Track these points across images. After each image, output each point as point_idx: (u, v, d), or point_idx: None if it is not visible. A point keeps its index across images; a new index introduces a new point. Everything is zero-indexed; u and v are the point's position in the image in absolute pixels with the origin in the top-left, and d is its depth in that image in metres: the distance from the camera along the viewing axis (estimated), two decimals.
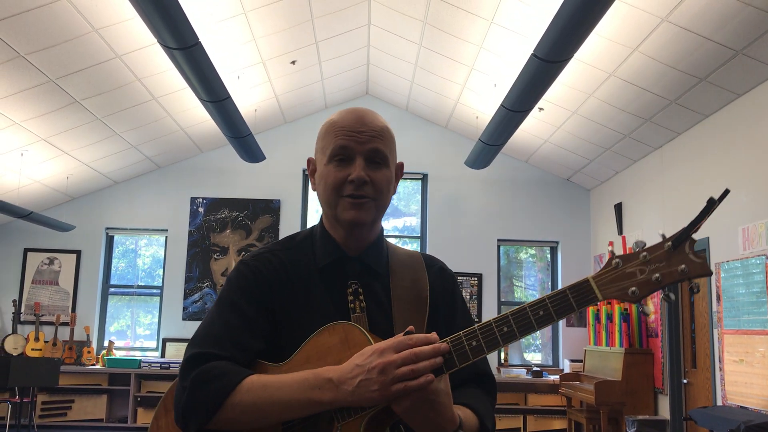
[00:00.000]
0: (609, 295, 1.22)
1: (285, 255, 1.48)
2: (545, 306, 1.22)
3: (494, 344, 1.23)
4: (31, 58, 5.75)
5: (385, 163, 1.44)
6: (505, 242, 9.36)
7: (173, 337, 8.91)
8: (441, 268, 1.56)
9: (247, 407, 1.28)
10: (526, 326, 1.22)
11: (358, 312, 1.41)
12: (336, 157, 1.42)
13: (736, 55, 5.28)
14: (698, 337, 6.64)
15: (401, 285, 1.47)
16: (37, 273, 9.07)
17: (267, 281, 1.43)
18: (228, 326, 1.38)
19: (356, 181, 1.39)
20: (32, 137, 7.06)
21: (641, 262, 1.22)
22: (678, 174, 6.85)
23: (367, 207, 1.41)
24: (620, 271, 1.23)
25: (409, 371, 1.19)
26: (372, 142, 1.42)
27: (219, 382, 1.29)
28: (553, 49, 4.72)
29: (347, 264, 1.47)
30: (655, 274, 1.21)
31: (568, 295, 1.22)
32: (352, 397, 1.22)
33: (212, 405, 1.29)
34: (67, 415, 8.36)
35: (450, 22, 6.49)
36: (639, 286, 1.21)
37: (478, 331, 1.23)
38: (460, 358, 1.23)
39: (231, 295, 1.42)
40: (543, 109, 7.35)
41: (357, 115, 1.45)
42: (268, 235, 9.15)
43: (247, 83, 7.61)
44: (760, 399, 5.28)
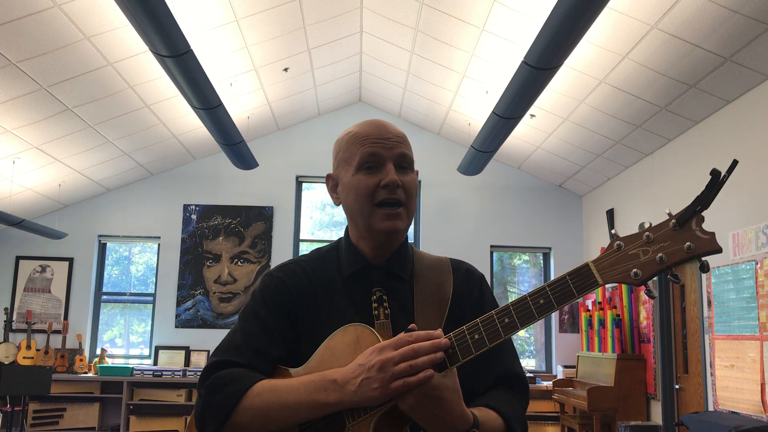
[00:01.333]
0: (610, 279, 1.19)
1: (310, 265, 1.51)
2: (545, 294, 1.20)
3: (496, 336, 1.21)
4: (22, 65, 5.75)
5: (412, 168, 1.48)
6: (497, 248, 9.38)
7: (166, 344, 8.89)
8: (468, 270, 1.56)
9: (257, 411, 1.30)
10: (527, 315, 1.20)
11: (382, 318, 1.42)
12: (365, 165, 1.44)
13: (724, 62, 5.32)
14: (690, 343, 6.66)
15: (426, 289, 1.47)
16: (29, 281, 9.03)
17: (290, 291, 1.46)
18: (248, 334, 1.42)
19: (390, 184, 1.41)
20: (24, 145, 7.05)
21: (644, 242, 1.18)
22: (669, 180, 6.88)
23: (401, 216, 1.43)
24: (622, 254, 1.19)
25: (407, 367, 1.18)
26: (399, 147, 1.45)
27: (231, 387, 1.33)
28: (543, 57, 4.75)
29: (372, 272, 1.48)
30: (659, 254, 1.16)
31: (568, 281, 1.20)
32: (356, 396, 1.22)
33: (225, 410, 1.32)
34: (59, 423, 8.32)
35: (441, 30, 6.52)
36: (642, 268, 1.17)
37: (480, 324, 1.22)
38: (463, 352, 1.22)
39: (254, 305, 1.47)
40: (534, 115, 7.38)
41: (378, 124, 1.48)
42: (261, 242, 9.15)
43: (240, 90, 7.62)
44: (750, 404, 5.30)
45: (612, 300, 8.01)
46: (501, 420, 1.34)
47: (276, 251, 9.15)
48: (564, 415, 7.97)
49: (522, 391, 1.47)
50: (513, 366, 1.48)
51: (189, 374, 8.41)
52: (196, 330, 8.92)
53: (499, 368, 1.45)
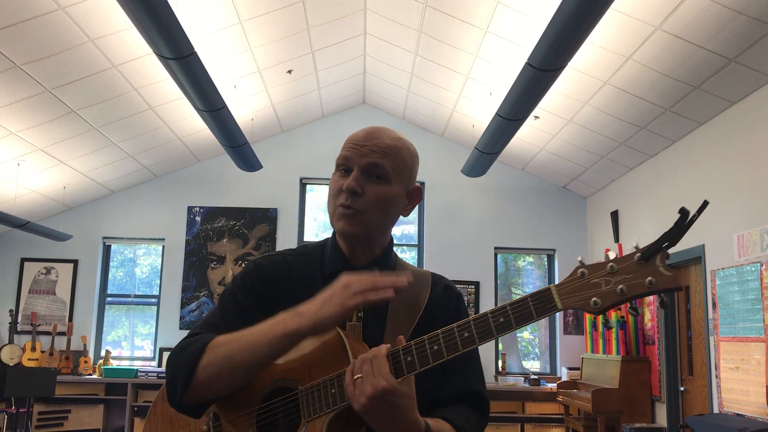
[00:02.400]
0: (570, 305, 1.19)
1: (295, 260, 1.54)
2: (506, 313, 1.21)
3: (454, 348, 1.22)
4: (27, 68, 5.77)
5: (385, 179, 1.45)
6: (501, 250, 9.37)
7: (170, 346, 8.89)
8: (447, 286, 1.58)
9: (221, 360, 1.31)
10: (486, 332, 1.21)
11: (354, 320, 1.43)
12: (340, 167, 1.48)
13: (729, 63, 5.31)
14: (694, 345, 6.64)
15: (402, 299, 1.48)
16: (34, 282, 9.06)
17: (271, 280, 1.48)
18: (224, 314, 1.46)
19: (347, 190, 1.42)
20: (29, 147, 7.07)
21: (608, 272, 1.19)
22: (673, 181, 6.87)
23: (355, 219, 1.43)
24: (584, 281, 1.20)
25: (370, 283, 1.24)
26: (371, 156, 1.44)
27: (192, 346, 1.35)
28: (547, 58, 4.74)
29: None
30: (620, 286, 1.17)
31: (528, 303, 1.20)
32: (315, 317, 1.25)
33: (189, 367, 1.33)
34: (64, 425, 8.34)
35: (445, 31, 6.52)
36: (602, 297, 1.18)
37: (441, 336, 1.23)
38: (421, 360, 1.23)
39: (234, 288, 1.50)
40: (538, 117, 7.37)
41: (368, 130, 1.49)
42: (265, 243, 9.15)
43: (244, 92, 7.63)
44: (755, 406, 5.28)
45: None
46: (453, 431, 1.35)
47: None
48: (568, 417, 7.96)
49: (482, 412, 1.48)
50: (477, 385, 1.49)
51: None
52: None
53: (464, 384, 1.46)
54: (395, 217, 1.52)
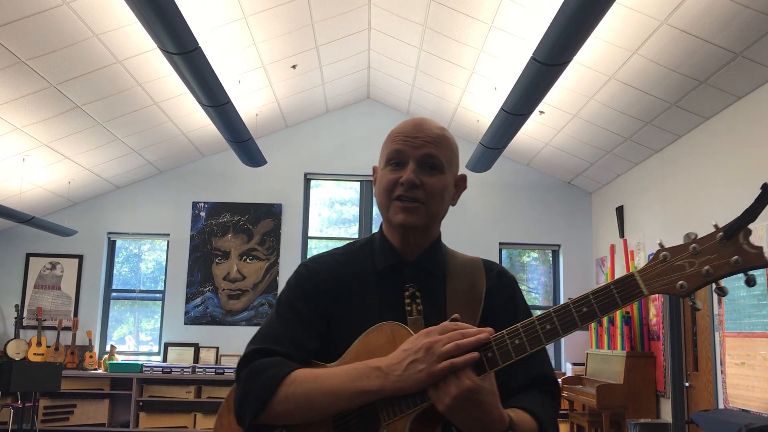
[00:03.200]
0: (655, 290, 1.18)
1: (344, 258, 1.52)
2: (589, 302, 1.19)
3: (537, 342, 1.21)
4: (31, 63, 5.77)
5: (440, 170, 1.45)
6: (506, 245, 9.35)
7: (175, 341, 8.92)
8: (500, 272, 1.55)
9: (299, 398, 1.30)
10: (569, 323, 1.20)
11: (414, 315, 1.42)
12: (391, 161, 1.46)
13: (735, 58, 5.28)
14: (700, 340, 6.62)
15: (458, 288, 1.47)
16: (40, 278, 9.08)
17: (324, 283, 1.47)
18: (285, 325, 1.44)
19: (406, 183, 1.41)
20: (34, 142, 7.08)
21: (691, 254, 1.17)
22: (679, 176, 6.84)
23: (417, 211, 1.42)
24: (668, 264, 1.18)
25: (454, 346, 1.19)
26: (425, 147, 1.43)
27: (269, 374, 1.34)
28: (552, 53, 4.72)
29: (405, 268, 1.48)
30: (705, 267, 1.15)
31: (612, 290, 1.19)
32: (400, 381, 1.22)
33: (263, 396, 1.32)
34: (69, 419, 8.37)
35: (450, 26, 6.50)
36: (688, 280, 1.16)
37: (521, 329, 1.22)
38: (503, 356, 1.21)
39: (289, 296, 1.48)
40: (543, 112, 7.35)
41: (415, 122, 1.48)
42: (270, 239, 9.16)
43: (248, 88, 7.62)
44: (761, 402, 5.27)
45: None
46: (535, 423, 1.34)
47: (284, 248, 9.16)
48: (573, 412, 7.95)
49: (555, 395, 1.47)
50: (547, 369, 1.47)
51: (198, 371, 8.44)
52: (206, 327, 8.95)
53: (534, 370, 1.44)
54: (447, 208, 1.51)
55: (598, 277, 8.96)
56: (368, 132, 9.32)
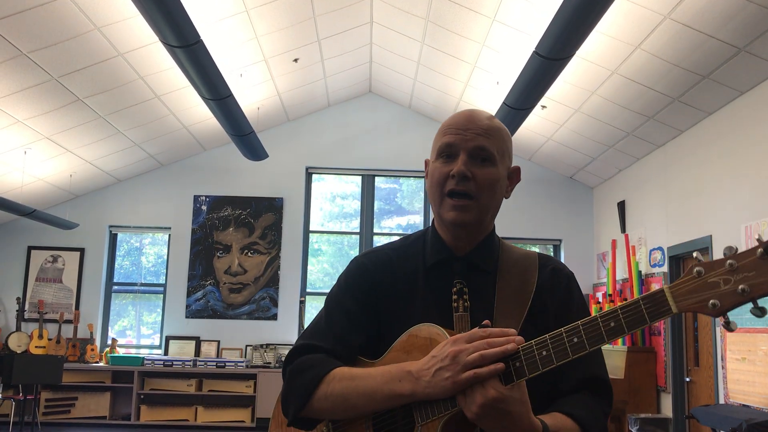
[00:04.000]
0: (685, 308, 1.11)
1: (396, 253, 1.52)
2: (617, 317, 1.16)
3: (564, 355, 1.18)
4: (33, 56, 5.77)
5: (491, 162, 1.42)
6: (507, 240, 9.33)
7: (176, 334, 8.93)
8: (555, 268, 1.51)
9: (336, 397, 1.34)
10: (596, 338, 1.17)
11: (461, 311, 1.40)
12: (442, 154, 1.44)
13: (738, 53, 5.27)
14: (701, 336, 6.62)
15: (509, 284, 1.45)
16: (41, 271, 9.09)
17: (373, 278, 1.48)
18: (332, 322, 1.47)
19: (457, 175, 1.39)
20: (35, 135, 7.07)
21: (727, 270, 1.08)
22: (681, 171, 6.83)
23: (468, 209, 1.41)
24: (701, 281, 1.10)
25: (478, 357, 1.18)
26: (477, 139, 1.42)
27: (312, 371, 1.38)
28: (555, 47, 4.71)
29: (455, 263, 1.47)
30: (741, 285, 1.06)
31: (641, 306, 1.14)
32: (429, 387, 1.23)
33: (305, 393, 1.36)
34: (71, 412, 8.39)
35: (452, 20, 6.49)
36: (721, 298, 1.08)
37: (549, 341, 1.20)
38: (530, 366, 1.20)
39: (339, 291, 1.51)
40: (546, 106, 7.34)
41: (466, 114, 1.47)
42: (271, 233, 9.16)
43: (250, 81, 7.61)
44: (762, 397, 5.27)
45: (623, 292, 7.97)
46: (578, 428, 1.31)
47: (286, 242, 9.16)
48: None
49: (605, 397, 1.43)
50: (598, 370, 1.44)
51: (199, 364, 8.46)
52: (207, 320, 8.96)
53: (585, 371, 1.41)
54: (500, 201, 1.48)
55: (599, 272, 8.96)
56: (370, 126, 9.31)
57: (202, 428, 8.31)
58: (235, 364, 8.49)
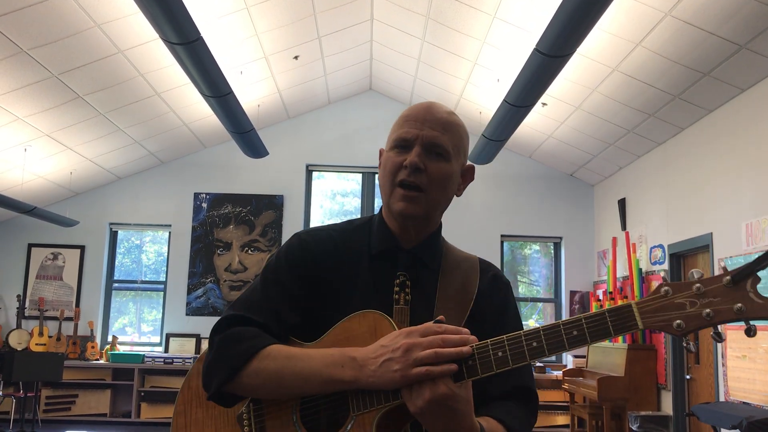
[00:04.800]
0: (650, 325, 1.14)
1: (340, 236, 1.48)
2: (580, 326, 1.16)
3: (520, 358, 1.18)
4: (33, 53, 5.76)
5: (445, 157, 1.40)
6: (508, 238, 9.35)
7: (177, 332, 8.94)
8: (495, 275, 1.51)
9: (269, 374, 1.27)
10: (557, 344, 1.17)
11: (401, 304, 1.38)
12: (397, 144, 1.42)
13: (739, 50, 5.26)
14: (701, 333, 6.61)
15: (450, 284, 1.43)
16: (41, 268, 9.10)
17: (314, 257, 1.43)
18: (267, 296, 1.40)
19: (409, 166, 1.37)
20: (35, 132, 7.07)
21: (693, 293, 1.12)
22: (681, 169, 6.83)
23: (417, 200, 1.39)
24: (668, 301, 1.14)
25: (432, 354, 1.16)
26: (432, 133, 1.39)
27: (245, 344, 1.30)
28: (555, 44, 4.70)
29: (399, 255, 1.44)
30: (706, 309, 1.11)
31: (606, 318, 1.15)
32: (374, 377, 1.20)
33: (235, 366, 1.29)
34: (71, 409, 8.40)
35: (453, 17, 6.48)
36: (686, 320, 1.12)
37: (506, 342, 1.18)
38: (483, 366, 1.18)
39: (277, 266, 1.44)
40: (546, 104, 7.33)
41: (424, 106, 1.44)
42: (272, 230, 9.16)
43: (250, 78, 7.60)
44: (762, 395, 5.27)
45: (623, 290, 7.97)
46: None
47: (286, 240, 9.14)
48: (574, 404, 7.96)
49: (532, 409, 1.43)
50: (528, 381, 1.43)
51: None
52: (207, 318, 8.96)
53: (515, 380, 1.40)
54: (451, 197, 1.46)
55: (599, 270, 8.96)
56: (370, 124, 9.31)
57: None
58: None
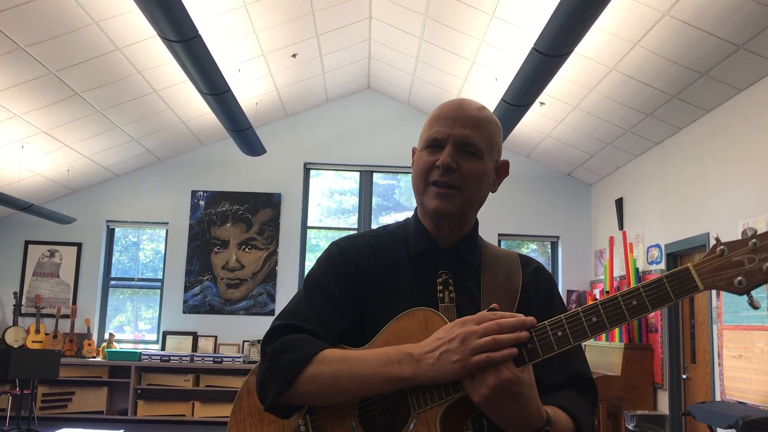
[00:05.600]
0: (712, 285, 1.12)
1: (377, 241, 1.47)
2: (639, 295, 1.13)
3: (582, 335, 1.15)
4: (31, 50, 5.75)
5: (478, 155, 1.39)
6: (505, 237, 9.35)
7: (174, 330, 8.93)
8: (537, 268, 1.50)
9: (326, 379, 1.25)
10: (617, 316, 1.14)
11: (446, 302, 1.37)
12: (429, 144, 1.41)
13: (737, 50, 5.26)
14: (698, 333, 6.63)
15: (493, 279, 1.42)
16: (38, 265, 9.08)
17: (355, 264, 1.42)
18: (313, 304, 1.38)
19: (442, 166, 1.36)
20: (33, 129, 7.06)
21: (750, 249, 1.10)
22: (679, 169, 6.83)
23: (451, 198, 1.38)
24: (725, 259, 1.12)
25: (490, 341, 1.14)
26: (464, 131, 1.39)
27: (298, 351, 1.28)
28: (553, 43, 4.71)
29: (439, 254, 1.44)
30: (766, 264, 1.09)
31: (665, 283, 1.13)
32: (432, 370, 1.18)
33: (290, 374, 1.27)
34: (68, 407, 8.39)
35: (451, 16, 6.48)
36: (747, 276, 1.10)
37: (565, 321, 1.17)
38: (544, 348, 1.16)
39: (319, 275, 1.43)
40: (544, 103, 7.33)
41: (455, 103, 1.43)
42: (269, 228, 9.15)
43: (248, 76, 7.60)
44: (758, 394, 5.28)
45: (620, 289, 7.98)
46: (571, 423, 1.28)
47: (284, 238, 9.15)
48: None
49: (592, 397, 1.40)
50: (585, 369, 1.41)
51: (196, 359, 8.46)
52: (204, 316, 8.96)
53: (572, 369, 1.38)
54: (486, 194, 1.45)
55: (596, 269, 8.97)
56: (368, 122, 9.30)
57: (199, 423, 8.31)
58: (232, 359, 8.49)
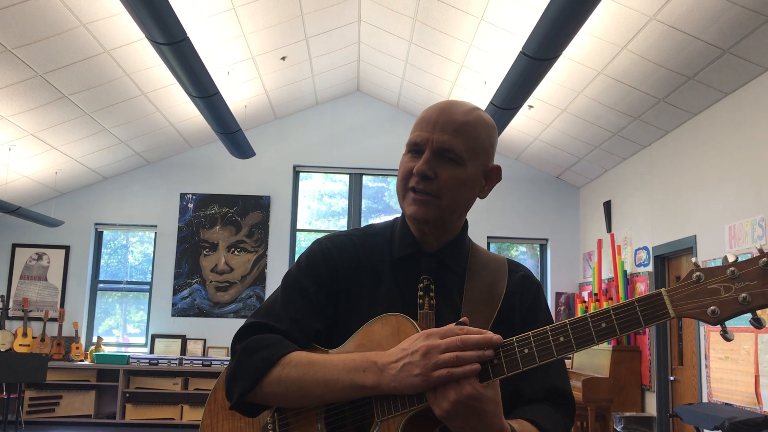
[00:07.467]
0: (683, 313, 1.08)
1: (361, 241, 1.44)
2: (609, 318, 1.11)
3: (548, 354, 1.13)
4: (18, 52, 5.72)
5: (458, 162, 1.33)
6: (494, 239, 9.38)
7: (162, 333, 8.89)
8: (524, 275, 1.46)
9: (291, 382, 1.25)
10: (585, 338, 1.12)
11: (426, 308, 1.35)
12: (410, 148, 1.38)
13: (723, 54, 5.31)
14: (685, 335, 6.68)
15: (477, 286, 1.40)
16: (26, 268, 9.02)
17: (336, 264, 1.40)
18: (289, 303, 1.37)
19: (417, 173, 1.33)
20: (20, 132, 7.02)
21: (728, 278, 1.07)
22: (666, 172, 6.88)
23: (428, 204, 1.33)
24: (701, 287, 1.08)
25: (453, 357, 1.12)
26: (443, 137, 1.33)
27: (266, 352, 1.28)
28: (541, 47, 4.73)
29: (423, 259, 1.40)
30: (742, 294, 1.05)
31: (636, 307, 1.10)
32: (395, 381, 1.16)
33: (257, 374, 1.27)
34: (55, 411, 8.34)
35: (440, 19, 6.50)
36: (721, 306, 1.06)
37: (532, 338, 1.14)
38: (509, 365, 1.14)
39: (298, 273, 1.41)
40: (532, 106, 7.36)
41: (440, 107, 1.38)
42: (258, 231, 9.14)
43: (237, 79, 7.59)
44: (744, 396, 5.32)
45: (608, 291, 8.02)
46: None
47: (273, 241, 9.14)
48: None
49: (569, 412, 1.38)
50: (562, 382, 1.39)
51: (185, 363, 8.42)
52: (193, 319, 8.93)
53: (549, 382, 1.36)
54: (471, 201, 1.40)
55: (585, 271, 9.01)
56: (357, 125, 9.31)
57: (188, 427, 8.28)
58: (221, 362, 8.47)
